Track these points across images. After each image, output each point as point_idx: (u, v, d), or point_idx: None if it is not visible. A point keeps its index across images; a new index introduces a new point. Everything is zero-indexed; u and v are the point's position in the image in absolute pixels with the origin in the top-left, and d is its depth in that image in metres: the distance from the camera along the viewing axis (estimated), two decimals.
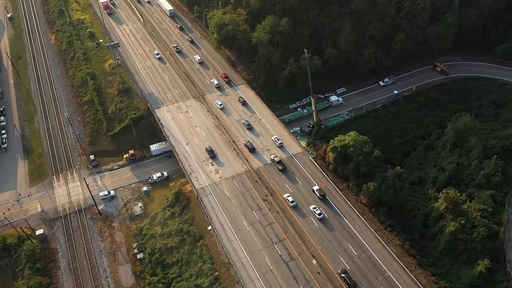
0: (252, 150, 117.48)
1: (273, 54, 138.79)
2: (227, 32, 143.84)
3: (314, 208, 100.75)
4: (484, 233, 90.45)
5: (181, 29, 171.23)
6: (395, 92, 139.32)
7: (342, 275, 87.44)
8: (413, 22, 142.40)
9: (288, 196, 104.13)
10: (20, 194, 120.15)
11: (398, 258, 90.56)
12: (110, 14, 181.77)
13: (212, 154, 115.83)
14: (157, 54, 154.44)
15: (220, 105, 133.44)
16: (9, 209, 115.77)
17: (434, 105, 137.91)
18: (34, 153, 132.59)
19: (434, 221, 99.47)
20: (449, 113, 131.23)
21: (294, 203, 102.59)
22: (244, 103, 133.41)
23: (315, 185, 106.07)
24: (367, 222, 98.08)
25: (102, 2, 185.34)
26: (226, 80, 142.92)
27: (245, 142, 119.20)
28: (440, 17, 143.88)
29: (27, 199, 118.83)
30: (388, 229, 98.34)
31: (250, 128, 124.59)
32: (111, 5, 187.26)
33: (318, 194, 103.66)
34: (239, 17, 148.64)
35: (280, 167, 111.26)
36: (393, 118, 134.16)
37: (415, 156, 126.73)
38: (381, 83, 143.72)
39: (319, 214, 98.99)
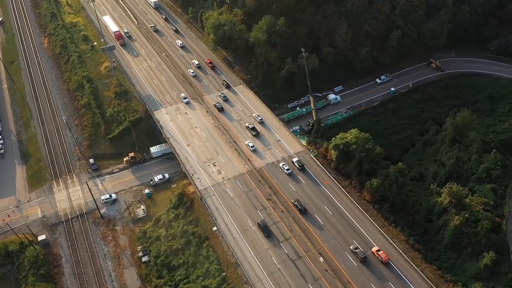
0: (221, 109, 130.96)
1: (271, 53, 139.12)
2: (223, 32, 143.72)
3: (283, 164, 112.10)
4: (488, 226, 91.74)
5: (166, 19, 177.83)
6: (392, 89, 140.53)
7: (295, 203, 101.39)
8: (408, 19, 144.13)
9: (249, 142, 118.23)
10: (19, 200, 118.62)
11: (404, 253, 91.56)
12: (123, 45, 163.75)
13: (267, 232, 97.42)
14: (185, 98, 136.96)
15: (192, 72, 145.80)
16: (9, 216, 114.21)
17: (430, 101, 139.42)
18: (32, 158, 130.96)
19: (438, 215, 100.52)
20: (445, 109, 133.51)
21: (254, 147, 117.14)
22: (227, 86, 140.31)
23: (295, 157, 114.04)
24: (371, 219, 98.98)
25: (114, 32, 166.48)
26: (210, 65, 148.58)
27: (214, 103, 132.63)
28: (434, 14, 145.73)
29: (27, 204, 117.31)
30: (393, 225, 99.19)
31: (226, 99, 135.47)
32: (127, 38, 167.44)
33: (297, 166, 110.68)
34: (235, 17, 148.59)
35: (254, 133, 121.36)
36: (391, 115, 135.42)
37: (414, 152, 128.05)
38: (377, 80, 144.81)
39: (287, 170, 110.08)
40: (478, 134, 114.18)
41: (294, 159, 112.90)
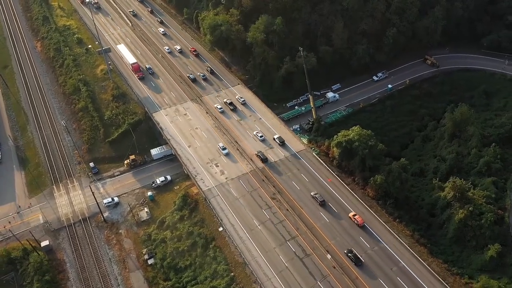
0: (193, 80, 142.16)
1: (268, 53, 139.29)
2: (220, 33, 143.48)
3: (256, 132, 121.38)
4: (491, 219, 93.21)
5: (151, 12, 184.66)
6: (390, 86, 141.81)
7: (258, 154, 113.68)
8: (403, 17, 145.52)
9: (217, 104, 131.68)
10: (20, 206, 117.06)
11: (410, 248, 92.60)
12: (142, 78, 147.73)
13: None
14: (224, 149, 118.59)
15: (167, 48, 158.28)
16: (10, 222, 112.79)
17: (427, 97, 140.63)
18: (30, 164, 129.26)
19: (441, 209, 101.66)
20: (442, 105, 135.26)
21: (222, 109, 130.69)
22: (212, 72, 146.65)
23: (276, 134, 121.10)
24: (376, 215, 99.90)
25: (132, 64, 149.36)
26: (194, 53, 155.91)
27: (187, 75, 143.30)
28: (428, 11, 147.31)
29: (28, 210, 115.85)
30: (397, 220, 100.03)
31: (205, 79, 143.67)
32: (150, 74, 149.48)
33: (278, 142, 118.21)
34: (231, 18, 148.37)
35: (232, 108, 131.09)
36: (389, 112, 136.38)
37: (413, 148, 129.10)
38: (374, 78, 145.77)
39: (261, 136, 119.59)
40: (477, 128, 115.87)
41: (275, 136, 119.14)
